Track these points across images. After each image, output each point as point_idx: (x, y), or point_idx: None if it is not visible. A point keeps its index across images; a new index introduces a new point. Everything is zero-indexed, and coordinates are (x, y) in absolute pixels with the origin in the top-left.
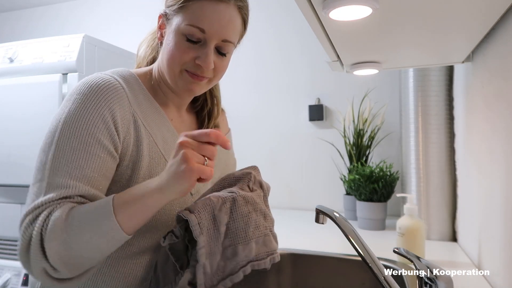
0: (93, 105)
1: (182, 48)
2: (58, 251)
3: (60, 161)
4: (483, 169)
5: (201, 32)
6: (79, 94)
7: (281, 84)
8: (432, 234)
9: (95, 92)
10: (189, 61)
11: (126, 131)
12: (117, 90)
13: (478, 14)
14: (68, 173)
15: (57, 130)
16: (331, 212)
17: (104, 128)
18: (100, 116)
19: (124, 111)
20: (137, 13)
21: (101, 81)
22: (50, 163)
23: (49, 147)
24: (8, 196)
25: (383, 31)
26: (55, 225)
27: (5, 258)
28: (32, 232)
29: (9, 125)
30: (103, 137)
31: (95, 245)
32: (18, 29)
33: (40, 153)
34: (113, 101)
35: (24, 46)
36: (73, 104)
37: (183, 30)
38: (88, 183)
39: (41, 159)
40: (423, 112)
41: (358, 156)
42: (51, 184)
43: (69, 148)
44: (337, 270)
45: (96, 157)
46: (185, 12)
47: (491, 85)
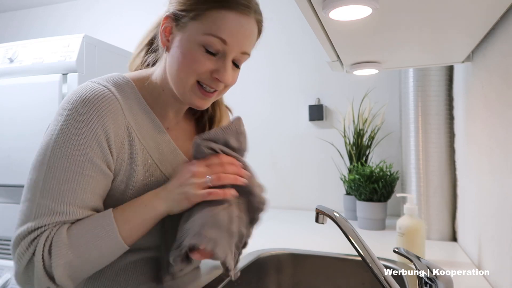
0: (85, 122)
1: (198, 59)
2: (66, 272)
3: (52, 182)
4: (483, 169)
5: (222, 43)
6: (71, 110)
7: (281, 84)
8: (432, 234)
9: (87, 106)
10: (204, 73)
11: (120, 146)
12: (111, 102)
13: (478, 13)
14: (60, 196)
15: (48, 148)
16: (331, 212)
17: (97, 147)
18: (93, 134)
19: (118, 125)
20: (137, 13)
21: (93, 94)
22: (41, 183)
23: (40, 166)
24: (8, 196)
25: (383, 31)
26: (59, 250)
27: (5, 258)
28: (31, 258)
29: (9, 125)
30: (96, 156)
31: (102, 260)
32: (18, 29)
33: (31, 170)
34: (106, 116)
35: (24, 46)
36: (65, 121)
37: (202, 39)
38: (82, 206)
39: (31, 177)
40: (423, 112)
41: (358, 156)
42: (42, 206)
43: (61, 169)
44: (337, 270)
45: (88, 178)
46: (205, 20)
47: (491, 85)
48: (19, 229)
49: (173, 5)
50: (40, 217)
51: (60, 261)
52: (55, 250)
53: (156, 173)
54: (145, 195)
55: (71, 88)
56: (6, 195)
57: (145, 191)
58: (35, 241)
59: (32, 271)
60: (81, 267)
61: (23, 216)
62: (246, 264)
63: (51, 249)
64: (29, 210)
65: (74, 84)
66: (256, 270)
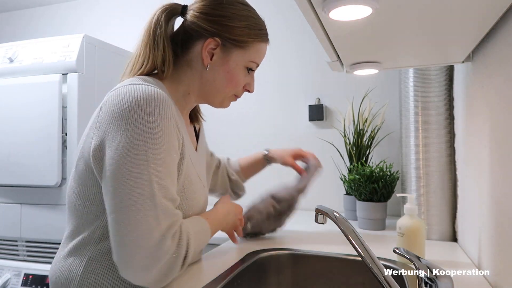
0: (164, 117)
1: (242, 78)
2: (192, 256)
3: (161, 176)
4: (483, 169)
5: (256, 66)
6: (145, 109)
7: (281, 84)
8: (432, 234)
9: (156, 104)
10: (240, 87)
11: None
12: (168, 98)
13: (478, 14)
14: (170, 187)
15: (146, 146)
16: (331, 212)
17: (175, 139)
18: (173, 127)
19: (177, 117)
20: (137, 13)
21: (151, 93)
22: (155, 179)
23: (145, 163)
24: (8, 196)
25: (383, 31)
26: (193, 238)
27: (5, 258)
28: (183, 242)
29: (9, 125)
30: (178, 146)
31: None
32: (18, 29)
33: (131, 169)
34: (174, 112)
35: (24, 46)
36: (146, 121)
37: (247, 64)
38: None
39: (139, 175)
40: (423, 112)
41: (358, 156)
42: (164, 197)
43: (164, 164)
44: (337, 270)
45: (176, 167)
46: (249, 49)
47: (491, 85)
48: (157, 227)
49: (214, 27)
50: (168, 210)
51: (192, 253)
52: (191, 244)
53: (189, 161)
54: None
55: (71, 88)
56: (6, 195)
57: (186, 177)
58: (176, 234)
59: (170, 263)
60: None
61: (152, 212)
62: (246, 264)
63: (189, 243)
64: (154, 207)
65: (74, 84)
66: (256, 270)
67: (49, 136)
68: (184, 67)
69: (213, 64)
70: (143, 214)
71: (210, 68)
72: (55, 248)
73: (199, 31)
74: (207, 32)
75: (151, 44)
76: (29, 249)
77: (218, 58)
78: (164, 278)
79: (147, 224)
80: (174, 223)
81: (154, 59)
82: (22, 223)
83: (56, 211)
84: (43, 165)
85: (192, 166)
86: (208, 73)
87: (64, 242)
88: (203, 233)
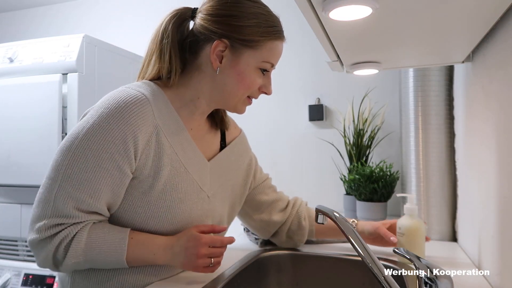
0: (117, 124)
1: (255, 81)
2: (71, 267)
3: (73, 169)
4: (483, 169)
5: (271, 66)
6: (106, 109)
7: (281, 84)
8: (432, 234)
9: (122, 110)
10: (255, 90)
11: (147, 145)
12: (144, 105)
13: (478, 14)
14: (79, 183)
15: (77, 138)
16: (331, 212)
17: (122, 148)
18: (122, 136)
19: (148, 126)
20: (137, 13)
21: (128, 97)
22: (64, 168)
23: (66, 151)
24: (8, 196)
25: (383, 31)
26: (75, 252)
27: (5, 258)
28: (46, 239)
29: (9, 125)
30: (118, 155)
31: (102, 266)
32: (18, 29)
33: (58, 152)
34: (138, 119)
35: (24, 46)
36: (98, 118)
37: (259, 65)
38: (95, 197)
39: (57, 158)
40: (423, 112)
41: (358, 156)
42: (62, 189)
43: (83, 159)
44: (337, 270)
45: (105, 172)
46: (261, 49)
47: (491, 85)
48: (41, 208)
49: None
50: (59, 201)
51: (72, 260)
52: (71, 251)
53: (180, 168)
54: (158, 241)
55: (71, 88)
56: (6, 195)
57: (170, 184)
58: (55, 228)
59: (42, 246)
60: (83, 266)
61: (46, 192)
62: (246, 264)
63: (69, 248)
64: (51, 190)
65: (74, 84)
66: (256, 270)
67: (49, 136)
68: (193, 72)
69: (223, 67)
70: (43, 191)
71: (220, 71)
72: None
73: (207, 34)
74: (214, 34)
75: (157, 54)
76: (29, 249)
77: (228, 60)
78: (35, 253)
79: (39, 200)
80: (61, 217)
81: (160, 69)
82: (22, 223)
83: None
84: (43, 165)
85: (186, 175)
86: (219, 77)
87: None
88: (104, 248)
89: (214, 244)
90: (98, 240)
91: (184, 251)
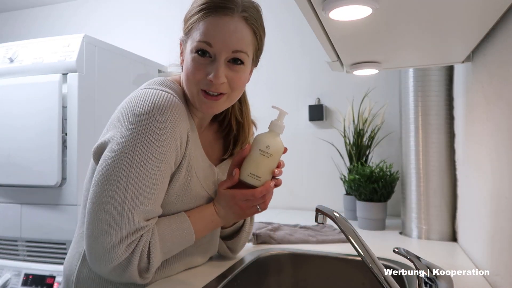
0: (166, 128)
1: (195, 66)
2: (159, 261)
3: (140, 185)
4: (483, 169)
5: (208, 46)
6: (148, 116)
7: (281, 84)
8: (432, 234)
9: (164, 112)
10: (202, 79)
11: (184, 148)
12: (181, 107)
13: (478, 14)
14: (150, 197)
15: (129, 152)
16: (331, 212)
17: (173, 151)
18: (173, 139)
19: (185, 128)
20: (137, 13)
21: (164, 100)
22: (131, 186)
23: (128, 168)
24: (8, 196)
25: (383, 31)
26: (156, 255)
27: (5, 258)
28: (129, 257)
29: (9, 125)
30: (171, 159)
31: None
32: (18, 29)
33: (115, 169)
34: (182, 121)
35: (24, 46)
36: (145, 127)
37: (193, 47)
38: (158, 204)
39: (118, 178)
40: (423, 112)
41: (358, 156)
42: (134, 207)
43: (147, 172)
44: (337, 270)
45: (165, 178)
46: (194, 32)
47: (491, 85)
48: (115, 234)
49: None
50: (132, 220)
51: (156, 264)
52: (153, 258)
53: (192, 172)
54: (207, 211)
55: (71, 88)
56: (6, 195)
57: (183, 188)
58: (131, 246)
59: (124, 269)
60: (162, 260)
61: (115, 217)
62: (246, 264)
63: (150, 256)
64: (121, 213)
65: (74, 84)
66: (256, 270)
67: (49, 136)
68: None
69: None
70: (109, 217)
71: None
72: (55, 248)
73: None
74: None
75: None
76: (29, 249)
77: (184, 57)
78: (119, 277)
79: (109, 227)
80: (135, 233)
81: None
82: (22, 223)
83: (56, 211)
84: (43, 165)
85: (197, 180)
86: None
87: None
88: (176, 236)
89: (247, 198)
90: (167, 235)
91: (229, 210)
